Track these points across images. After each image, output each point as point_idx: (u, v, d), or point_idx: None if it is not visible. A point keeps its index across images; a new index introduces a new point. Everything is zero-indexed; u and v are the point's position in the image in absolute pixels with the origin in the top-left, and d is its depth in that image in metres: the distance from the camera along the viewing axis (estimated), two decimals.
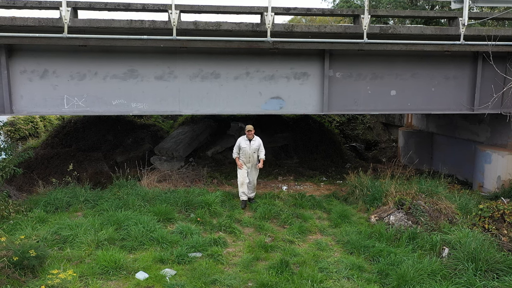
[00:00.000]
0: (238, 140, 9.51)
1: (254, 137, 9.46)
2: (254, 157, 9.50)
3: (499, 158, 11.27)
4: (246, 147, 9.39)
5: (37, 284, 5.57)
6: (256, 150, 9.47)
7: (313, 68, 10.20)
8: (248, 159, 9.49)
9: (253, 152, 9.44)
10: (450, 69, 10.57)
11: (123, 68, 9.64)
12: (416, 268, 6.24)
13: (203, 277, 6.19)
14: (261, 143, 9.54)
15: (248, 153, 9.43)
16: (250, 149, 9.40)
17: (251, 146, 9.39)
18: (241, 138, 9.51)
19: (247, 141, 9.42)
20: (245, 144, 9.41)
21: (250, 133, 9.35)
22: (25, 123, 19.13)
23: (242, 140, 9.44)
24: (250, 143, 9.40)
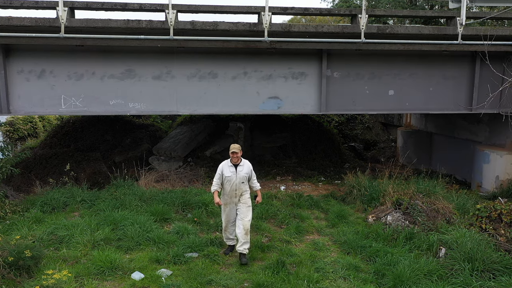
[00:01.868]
0: (220, 167, 6.87)
1: (241, 160, 6.89)
2: (242, 189, 6.86)
3: (497, 158, 11.25)
4: (231, 176, 6.78)
5: (32, 284, 5.56)
6: (246, 179, 6.89)
7: (311, 68, 10.18)
8: (235, 192, 6.82)
9: (240, 182, 6.80)
10: (448, 68, 10.56)
11: (121, 68, 9.63)
12: (413, 268, 6.22)
13: (199, 277, 6.17)
14: (251, 168, 7.01)
15: (235, 184, 6.79)
16: (237, 178, 6.79)
17: (238, 173, 6.79)
18: (223, 164, 6.91)
19: (231, 167, 6.82)
20: (230, 171, 6.80)
21: (235, 155, 6.74)
22: (24, 123, 19.11)
23: (225, 166, 6.85)
24: (237, 169, 6.81)
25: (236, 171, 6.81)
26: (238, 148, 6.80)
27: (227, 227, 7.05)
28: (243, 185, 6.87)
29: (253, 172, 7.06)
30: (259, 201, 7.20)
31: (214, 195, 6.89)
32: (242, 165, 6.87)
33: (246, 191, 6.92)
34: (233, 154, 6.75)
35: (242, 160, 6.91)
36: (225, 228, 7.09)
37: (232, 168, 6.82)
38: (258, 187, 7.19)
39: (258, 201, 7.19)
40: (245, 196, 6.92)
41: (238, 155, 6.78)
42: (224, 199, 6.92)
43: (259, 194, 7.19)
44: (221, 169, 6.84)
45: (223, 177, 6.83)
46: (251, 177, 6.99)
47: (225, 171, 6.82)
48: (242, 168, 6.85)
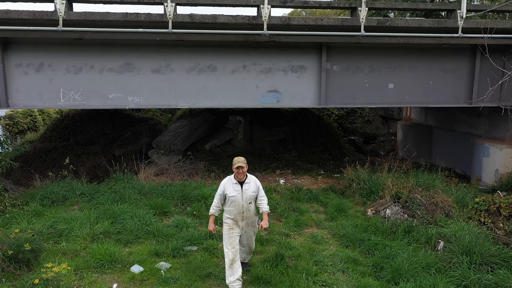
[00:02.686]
0: (222, 185, 5.72)
1: (248, 176, 5.74)
2: (250, 210, 5.76)
3: (497, 151, 11.25)
4: (236, 195, 5.62)
5: (31, 277, 5.57)
6: (253, 198, 5.75)
7: (311, 61, 10.14)
8: (241, 215, 5.70)
9: (248, 203, 5.68)
10: (448, 62, 10.52)
11: (119, 61, 9.59)
12: (411, 261, 6.23)
13: (198, 270, 6.20)
14: (259, 184, 5.86)
15: (240, 205, 5.66)
16: (244, 198, 5.64)
17: (244, 192, 5.63)
18: (226, 182, 5.73)
19: (236, 185, 5.65)
20: (234, 190, 5.64)
21: (241, 170, 5.56)
22: (24, 116, 19.10)
23: (228, 184, 5.68)
24: (243, 187, 5.65)
25: (242, 190, 5.63)
26: (243, 162, 5.55)
27: (234, 260, 5.58)
28: (251, 206, 5.76)
29: (261, 189, 5.85)
30: (264, 227, 5.70)
31: (210, 220, 5.84)
32: (248, 182, 5.69)
33: (254, 213, 5.90)
34: (239, 170, 5.52)
35: (248, 176, 5.73)
36: (231, 261, 5.56)
37: (237, 186, 5.62)
38: (266, 208, 5.83)
39: (262, 227, 5.71)
40: (253, 218, 5.89)
41: (244, 170, 5.55)
42: (228, 224, 5.74)
43: (265, 218, 5.71)
44: (223, 188, 5.66)
45: (226, 198, 5.66)
46: (258, 194, 5.82)
47: (228, 190, 5.63)
48: (249, 186, 5.67)
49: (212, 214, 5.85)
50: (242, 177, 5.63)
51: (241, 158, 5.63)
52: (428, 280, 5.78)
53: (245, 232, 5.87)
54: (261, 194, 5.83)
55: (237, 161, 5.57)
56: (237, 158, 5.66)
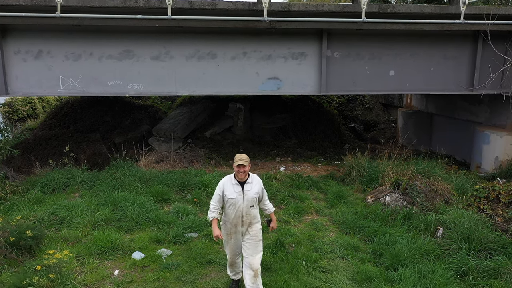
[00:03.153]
0: (220, 185, 5.07)
1: (250, 176, 5.09)
2: (251, 214, 5.08)
3: (497, 138, 11.23)
4: (237, 198, 5.00)
5: (34, 264, 5.62)
6: (256, 201, 5.11)
7: (311, 48, 10.06)
8: (241, 219, 5.05)
9: (249, 206, 5.04)
10: (449, 49, 10.44)
11: (119, 48, 9.53)
12: (410, 248, 6.28)
13: (198, 257, 6.24)
14: (262, 185, 5.22)
15: (241, 209, 5.02)
16: (244, 201, 5.01)
17: (245, 194, 5.00)
18: (225, 181, 5.09)
19: (236, 185, 5.01)
20: (234, 191, 5.00)
21: (242, 169, 4.92)
22: (23, 104, 19.06)
23: (227, 185, 5.04)
24: (243, 188, 5.00)
25: (243, 191, 4.99)
26: (245, 160, 4.91)
27: (234, 262, 5.35)
28: (253, 210, 5.06)
29: (265, 190, 5.26)
30: (274, 228, 5.44)
31: (213, 225, 5.02)
32: (251, 182, 5.03)
33: (255, 218, 5.13)
34: (239, 168, 4.88)
35: (250, 175, 5.07)
36: (231, 263, 5.37)
37: (237, 187, 4.98)
38: (272, 209, 5.37)
39: (272, 228, 5.43)
40: (255, 226, 5.14)
41: (246, 169, 4.91)
42: (226, 228, 5.16)
43: (274, 219, 5.40)
44: (221, 188, 5.01)
45: (224, 199, 5.02)
46: (262, 197, 5.19)
47: (227, 191, 4.97)
48: (251, 187, 5.01)
49: (214, 218, 5.02)
50: (243, 177, 4.96)
51: (243, 155, 4.96)
52: (427, 266, 5.83)
53: (246, 240, 5.11)
54: (265, 196, 5.26)
55: (238, 159, 4.90)
56: (238, 155, 4.99)
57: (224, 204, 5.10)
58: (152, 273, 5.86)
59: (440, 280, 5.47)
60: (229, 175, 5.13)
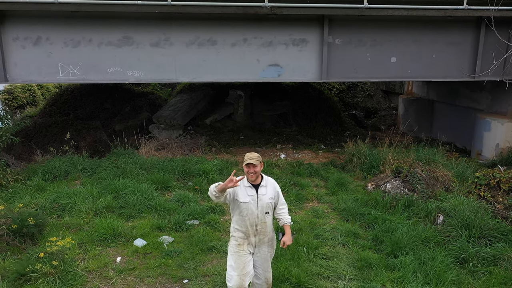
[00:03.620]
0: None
1: (263, 178, 4.38)
2: (266, 222, 4.37)
3: (498, 125, 11.21)
4: (250, 202, 4.29)
5: (36, 251, 5.65)
6: (271, 208, 4.40)
7: (312, 34, 9.97)
8: (254, 228, 4.35)
9: (264, 213, 4.33)
10: (452, 35, 10.34)
11: (118, 35, 9.44)
12: (411, 235, 6.31)
13: (200, 244, 6.28)
14: (278, 189, 4.50)
15: (254, 215, 4.31)
16: (259, 206, 4.30)
17: (259, 199, 4.29)
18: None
19: (250, 189, 4.31)
20: (247, 194, 4.29)
21: (253, 169, 4.22)
22: (23, 91, 18.98)
23: (240, 186, 4.24)
24: (258, 192, 4.30)
25: (257, 195, 4.28)
26: (256, 159, 4.20)
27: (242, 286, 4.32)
28: (268, 217, 4.37)
29: (281, 196, 4.51)
30: (286, 243, 4.33)
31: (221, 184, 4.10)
32: (265, 185, 4.34)
33: (271, 226, 4.45)
34: (249, 168, 4.19)
35: (263, 177, 4.38)
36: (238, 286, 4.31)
37: (251, 190, 4.28)
38: (289, 219, 4.50)
39: (285, 243, 4.33)
40: (269, 235, 4.45)
41: (256, 169, 4.20)
42: (237, 235, 4.39)
43: (288, 232, 4.39)
44: (233, 192, 4.26)
45: (235, 203, 4.31)
46: (277, 202, 4.46)
47: (239, 194, 4.27)
48: (266, 191, 4.32)
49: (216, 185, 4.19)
50: (254, 179, 4.25)
51: (254, 154, 4.28)
52: (427, 253, 5.87)
53: (258, 251, 4.45)
54: (281, 201, 4.49)
55: (248, 157, 4.22)
56: (248, 153, 4.29)
57: (234, 208, 4.38)
58: (154, 260, 5.90)
59: (440, 267, 5.50)
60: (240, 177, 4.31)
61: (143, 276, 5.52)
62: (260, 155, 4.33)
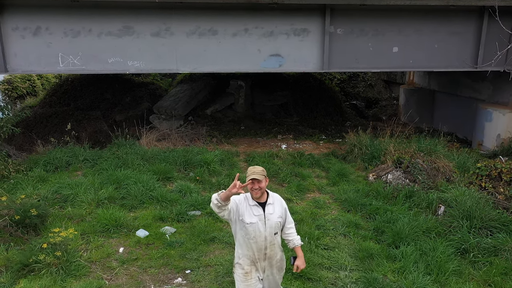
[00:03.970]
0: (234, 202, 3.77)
1: (269, 195, 3.90)
2: (275, 244, 3.93)
3: (500, 116, 11.19)
4: (257, 223, 3.79)
5: (39, 241, 5.68)
6: (279, 227, 3.94)
7: (314, 24, 9.90)
8: (263, 252, 3.88)
9: (272, 234, 3.86)
10: (454, 24, 10.26)
11: (118, 25, 9.37)
12: (412, 226, 6.34)
13: (202, 235, 6.31)
14: (285, 205, 4.03)
15: (262, 238, 3.82)
16: (267, 227, 3.82)
17: (267, 219, 3.81)
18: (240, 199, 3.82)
19: (256, 208, 3.81)
20: (253, 214, 3.80)
21: (257, 186, 3.70)
22: (22, 81, 18.91)
23: (244, 205, 3.81)
24: (265, 210, 3.81)
25: (264, 213, 3.79)
26: (261, 173, 3.71)
27: None
28: (277, 238, 3.93)
29: (289, 214, 4.06)
30: (300, 268, 3.99)
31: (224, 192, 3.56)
32: (272, 202, 3.86)
33: (280, 247, 4.01)
34: (253, 184, 3.68)
35: (269, 194, 3.89)
36: None
37: (257, 209, 3.79)
38: (298, 240, 4.09)
39: (298, 268, 3.98)
40: (278, 255, 3.99)
41: (261, 184, 3.70)
42: (243, 264, 3.91)
43: (301, 255, 4.03)
44: (235, 206, 3.75)
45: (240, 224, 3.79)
46: (285, 221, 4.01)
47: (244, 212, 3.77)
48: (273, 209, 3.85)
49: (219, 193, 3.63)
50: (259, 195, 3.75)
51: (258, 167, 3.76)
52: (428, 244, 5.89)
53: (267, 276, 3.98)
54: (288, 219, 4.03)
55: (252, 172, 3.69)
56: (252, 167, 3.77)
57: (236, 231, 3.87)
58: (157, 250, 5.93)
59: (441, 257, 5.53)
60: (242, 196, 3.82)
61: (146, 266, 5.56)
62: (264, 169, 3.80)
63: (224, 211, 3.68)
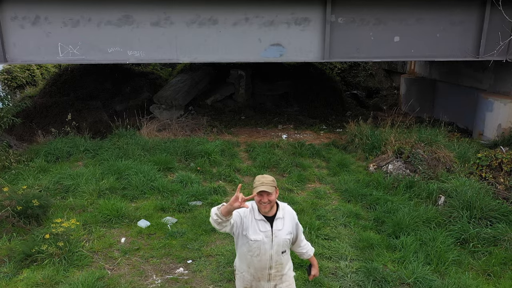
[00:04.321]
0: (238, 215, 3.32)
1: (279, 207, 3.41)
2: (282, 263, 3.48)
3: (501, 106, 11.16)
4: (263, 240, 3.34)
5: (41, 232, 5.72)
6: (288, 245, 3.49)
7: (315, 13, 9.82)
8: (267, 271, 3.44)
9: (279, 253, 3.42)
10: (456, 13, 10.17)
11: (118, 14, 9.30)
12: (412, 216, 6.37)
13: (203, 225, 6.34)
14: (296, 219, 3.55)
15: (268, 256, 3.38)
16: (274, 245, 3.36)
17: (275, 235, 3.35)
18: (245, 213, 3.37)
19: (263, 222, 3.35)
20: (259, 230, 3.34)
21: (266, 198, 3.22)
22: (22, 71, 18.81)
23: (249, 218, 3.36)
24: (273, 225, 3.35)
25: (272, 229, 3.33)
26: (271, 184, 3.21)
27: None
28: (285, 257, 3.47)
29: (300, 226, 3.58)
30: (316, 276, 3.73)
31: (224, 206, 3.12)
32: (282, 216, 3.39)
33: (287, 266, 3.55)
34: (262, 197, 3.22)
35: (279, 205, 3.40)
36: None
37: (264, 225, 3.33)
38: (312, 250, 3.73)
39: (314, 276, 3.73)
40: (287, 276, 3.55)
41: (271, 197, 3.22)
42: (243, 281, 3.53)
43: (315, 264, 3.74)
44: (239, 220, 3.31)
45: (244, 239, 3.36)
46: (296, 237, 3.56)
47: (249, 227, 3.33)
48: (282, 224, 3.38)
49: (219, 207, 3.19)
50: (267, 210, 3.28)
51: (268, 177, 3.27)
52: (428, 234, 5.93)
53: None
54: (300, 236, 3.57)
55: (260, 183, 3.20)
56: (260, 177, 3.28)
57: (239, 244, 3.44)
58: (158, 240, 5.97)
59: (441, 247, 5.57)
60: (250, 204, 3.36)
61: (148, 256, 5.60)
62: (274, 179, 3.28)
63: (226, 227, 3.23)
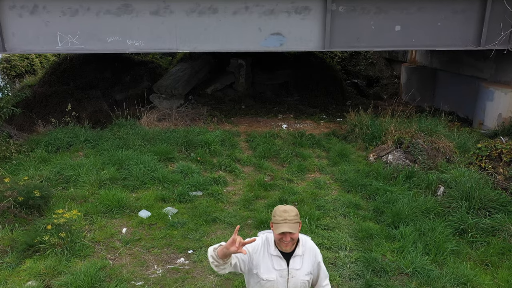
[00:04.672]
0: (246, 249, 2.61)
1: (299, 241, 2.85)
2: None
3: (501, 95, 11.13)
4: (277, 280, 2.80)
5: (43, 222, 5.75)
6: (305, 286, 2.88)
7: (315, 1, 9.73)
8: None
9: None
10: (458, 2, 10.08)
11: (117, 3, 9.23)
12: (411, 206, 6.40)
13: (204, 215, 6.38)
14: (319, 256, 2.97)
15: None
16: (289, 286, 2.82)
17: (291, 275, 2.81)
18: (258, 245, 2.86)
19: (278, 259, 2.82)
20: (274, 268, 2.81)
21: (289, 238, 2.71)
22: (21, 59, 18.74)
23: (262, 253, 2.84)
24: (289, 263, 2.81)
25: (288, 269, 2.84)
26: (295, 221, 2.72)
27: None
28: None
29: (323, 266, 3.03)
30: None
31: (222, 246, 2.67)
32: (301, 254, 2.88)
33: None
34: (285, 236, 2.73)
35: (300, 240, 2.89)
36: None
37: (279, 262, 2.85)
38: None
39: None
40: None
41: (294, 236, 2.75)
42: None
43: None
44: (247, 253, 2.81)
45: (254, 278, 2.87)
46: (318, 277, 3.02)
47: (261, 263, 2.85)
48: (301, 263, 2.88)
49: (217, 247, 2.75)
50: (289, 248, 2.82)
51: (291, 210, 2.75)
52: (427, 224, 5.97)
53: None
54: (322, 274, 3.03)
55: (283, 219, 2.71)
56: (282, 210, 2.75)
57: (250, 282, 2.93)
58: (159, 230, 6.01)
59: (440, 237, 5.61)
60: (264, 235, 2.96)
61: (149, 246, 5.65)
62: (297, 211, 2.78)
63: (224, 269, 2.76)
